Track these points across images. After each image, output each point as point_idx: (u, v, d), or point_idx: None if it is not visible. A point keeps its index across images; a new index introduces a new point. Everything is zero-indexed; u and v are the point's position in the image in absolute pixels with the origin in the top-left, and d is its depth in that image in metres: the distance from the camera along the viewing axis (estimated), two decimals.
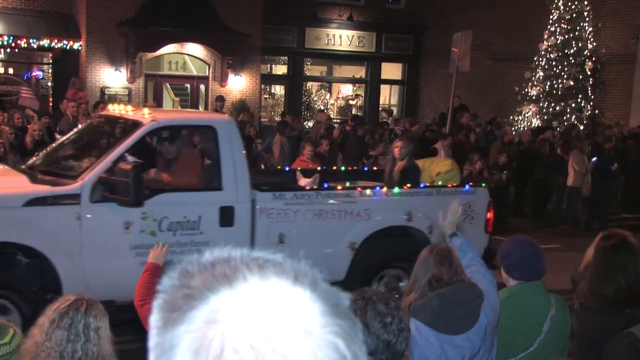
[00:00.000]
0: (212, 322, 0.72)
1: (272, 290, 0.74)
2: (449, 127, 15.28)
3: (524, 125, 18.07)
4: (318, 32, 22.34)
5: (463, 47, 15.11)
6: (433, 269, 3.27)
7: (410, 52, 24.01)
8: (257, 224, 7.04)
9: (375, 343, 2.39)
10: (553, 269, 3.90)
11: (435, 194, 8.01)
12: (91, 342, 2.74)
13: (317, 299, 0.75)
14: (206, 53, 18.90)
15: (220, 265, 0.77)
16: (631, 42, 18.22)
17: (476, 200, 8.13)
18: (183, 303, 0.74)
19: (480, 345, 3.18)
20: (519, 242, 3.83)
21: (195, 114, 10.09)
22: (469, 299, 3.18)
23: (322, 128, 14.76)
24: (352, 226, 7.48)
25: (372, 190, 7.76)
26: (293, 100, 22.50)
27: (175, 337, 0.73)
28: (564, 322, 3.70)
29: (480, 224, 8.16)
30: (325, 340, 0.72)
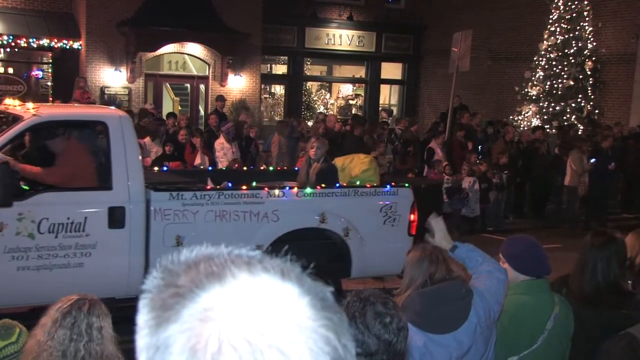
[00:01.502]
0: (207, 319, 0.72)
1: (263, 286, 0.75)
2: (448, 126, 15.29)
3: (523, 125, 18.07)
4: (318, 31, 22.35)
5: (463, 47, 15.11)
6: (429, 269, 3.29)
7: (410, 52, 24.01)
8: (151, 226, 6.64)
9: (377, 344, 2.38)
10: (553, 269, 3.92)
11: (352, 194, 7.70)
12: (94, 341, 2.73)
13: (306, 294, 0.76)
14: (206, 53, 18.90)
15: (204, 263, 0.78)
16: (631, 42, 18.22)
17: (399, 202, 7.81)
18: (173, 302, 0.74)
19: (470, 344, 3.16)
20: (525, 238, 3.89)
21: (86, 109, 9.53)
22: (454, 297, 3.16)
23: (321, 128, 14.74)
24: (259, 228, 7.09)
25: (281, 191, 7.40)
26: (293, 100, 22.51)
27: (170, 336, 0.73)
28: (567, 321, 3.72)
29: (402, 226, 7.81)
30: (318, 334, 0.73)
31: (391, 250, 7.65)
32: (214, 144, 12.98)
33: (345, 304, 2.46)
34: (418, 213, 7.92)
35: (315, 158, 8.30)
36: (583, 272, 3.73)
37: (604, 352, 3.08)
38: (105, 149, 6.67)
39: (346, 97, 24.65)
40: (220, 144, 12.66)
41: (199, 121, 18.88)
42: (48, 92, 18.34)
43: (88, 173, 6.81)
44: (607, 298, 3.61)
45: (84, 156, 6.87)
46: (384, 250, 7.69)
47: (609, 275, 3.67)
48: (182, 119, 14.34)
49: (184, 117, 14.93)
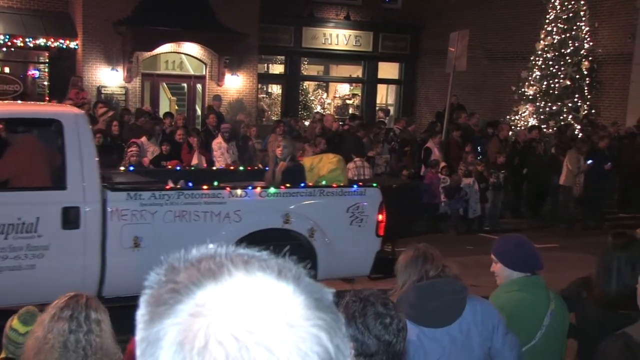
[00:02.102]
0: (197, 315, 0.73)
1: (257, 284, 0.76)
2: (445, 126, 15.31)
3: (520, 125, 18.10)
4: (315, 31, 22.35)
5: (460, 47, 15.13)
6: (423, 266, 3.32)
7: (407, 52, 24.02)
8: (108, 227, 6.50)
9: (377, 345, 2.39)
10: (550, 268, 3.93)
11: (318, 194, 7.57)
12: (93, 333, 2.75)
13: (301, 293, 0.76)
14: (203, 52, 18.89)
15: (206, 261, 0.79)
16: (628, 42, 18.25)
17: (366, 202, 7.68)
18: (169, 297, 0.76)
19: (463, 341, 3.17)
20: (514, 236, 3.95)
21: (39, 106, 9.32)
22: (449, 292, 3.17)
23: (319, 128, 14.76)
24: (220, 229, 6.96)
25: (243, 191, 7.24)
26: (290, 99, 22.51)
27: (161, 330, 0.74)
28: (562, 317, 3.75)
29: (370, 227, 7.66)
30: (309, 333, 0.73)
31: (358, 251, 7.62)
32: (211, 143, 12.99)
33: (345, 304, 2.47)
34: (392, 213, 7.80)
35: (282, 157, 8.17)
36: (607, 275, 3.69)
37: (600, 353, 3.08)
38: (60, 148, 6.52)
39: (343, 97, 24.65)
40: (218, 144, 12.68)
41: (196, 121, 18.87)
42: (45, 92, 18.32)
43: (38, 172, 6.64)
44: (629, 302, 3.58)
45: (34, 154, 6.72)
46: (351, 251, 7.63)
47: (634, 278, 3.64)
48: (179, 118, 14.35)
49: (181, 116, 14.94)
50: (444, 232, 13.55)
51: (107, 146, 11.72)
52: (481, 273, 3.94)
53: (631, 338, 2.93)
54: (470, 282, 4.13)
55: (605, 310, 3.69)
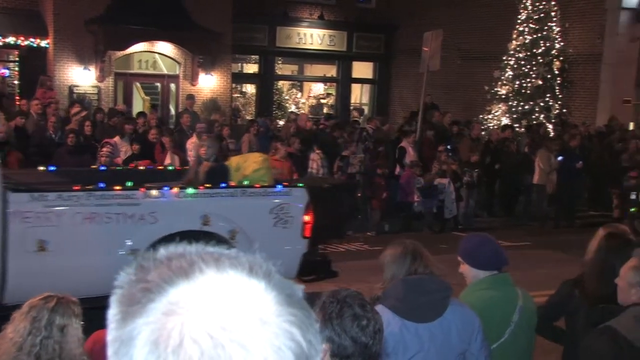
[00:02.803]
0: (171, 313, 0.73)
1: (229, 281, 0.76)
2: (419, 125, 15.40)
3: (493, 124, 18.27)
4: (289, 31, 22.33)
5: (433, 46, 15.22)
6: (411, 265, 3.37)
7: (381, 51, 24.10)
8: (9, 229, 6.17)
9: (353, 346, 2.40)
10: (523, 266, 3.98)
11: (240, 195, 7.31)
12: (52, 338, 2.71)
13: (272, 289, 0.77)
14: (177, 52, 18.77)
15: (176, 259, 0.79)
16: (597, 43, 18.51)
17: (291, 202, 7.44)
18: (141, 296, 0.76)
19: (443, 340, 3.21)
20: (475, 235, 4.00)
21: None
22: (434, 289, 3.22)
23: (293, 127, 14.75)
24: (134, 231, 6.66)
25: (159, 191, 6.95)
26: (264, 99, 22.46)
27: (134, 329, 0.74)
28: (530, 313, 3.81)
29: (295, 228, 7.39)
30: (282, 329, 0.74)
31: (283, 253, 7.29)
32: (185, 143, 12.93)
33: (322, 304, 2.47)
34: (326, 214, 7.61)
35: (206, 157, 7.95)
36: (601, 275, 3.74)
37: (586, 348, 3.13)
38: None
39: (317, 96, 24.65)
40: (193, 143, 12.62)
41: (170, 120, 18.75)
42: (15, 91, 18.07)
43: None
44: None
45: None
46: (276, 253, 7.34)
47: None
48: (152, 118, 14.25)
49: (154, 116, 14.84)
50: (419, 231, 13.63)
51: (80, 146, 11.62)
52: (454, 272, 3.98)
53: (616, 331, 3.00)
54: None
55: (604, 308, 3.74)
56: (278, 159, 12.40)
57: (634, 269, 3.17)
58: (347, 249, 12.34)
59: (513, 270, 3.89)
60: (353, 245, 12.57)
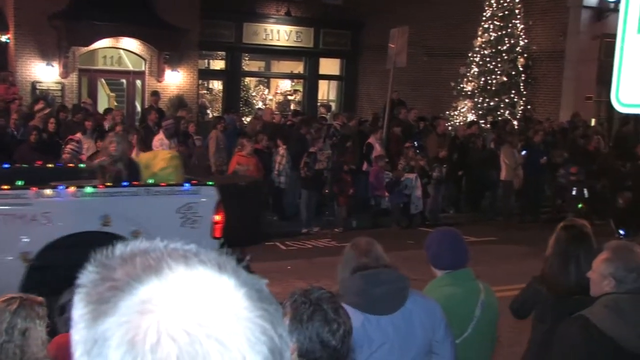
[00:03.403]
0: (145, 312, 0.73)
1: (200, 278, 0.76)
2: (386, 122, 15.48)
3: (459, 121, 18.45)
4: (256, 27, 22.25)
5: (400, 43, 15.31)
6: (356, 261, 3.40)
7: (348, 48, 24.15)
8: None
9: (321, 350, 2.41)
10: (489, 261, 4.04)
11: (144, 194, 7.02)
12: (13, 342, 2.66)
13: (242, 285, 0.77)
14: (142, 48, 18.58)
15: (140, 256, 0.78)
16: (560, 40, 18.80)
17: (200, 201, 7.20)
18: (111, 295, 0.75)
19: (407, 330, 3.26)
20: (439, 233, 4.03)
21: None
22: (390, 280, 3.26)
23: (260, 124, 14.73)
24: (25, 233, 6.35)
25: (53, 190, 6.59)
26: (231, 95, 22.36)
27: (107, 329, 0.73)
28: (492, 307, 3.88)
29: (205, 228, 7.11)
30: (255, 324, 0.75)
31: None
32: (151, 140, 12.82)
33: (292, 302, 2.47)
34: (238, 212, 7.39)
35: (115, 154, 7.69)
36: (566, 267, 3.81)
37: (559, 336, 3.22)
38: None
39: (285, 93, 24.62)
40: (160, 140, 12.52)
41: (136, 117, 18.57)
42: None
43: None
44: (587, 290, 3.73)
45: None
46: None
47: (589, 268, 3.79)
48: (117, 115, 14.09)
49: (120, 113, 14.67)
50: (387, 226, 13.73)
51: (43, 143, 11.45)
52: (421, 267, 4.04)
53: (588, 320, 3.10)
54: (410, 276, 4.21)
55: (566, 300, 3.81)
56: (244, 155, 12.39)
57: (607, 261, 3.25)
58: (315, 245, 12.38)
59: (479, 265, 3.96)
60: (321, 241, 12.61)
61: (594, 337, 3.09)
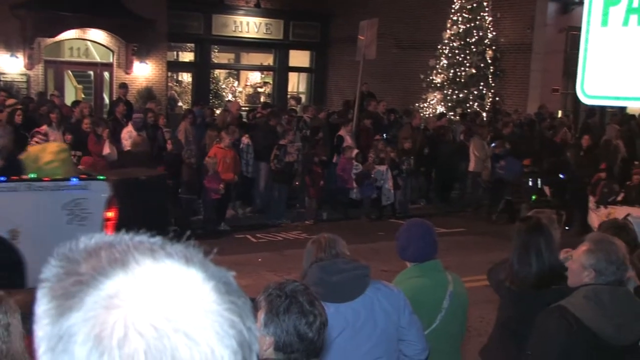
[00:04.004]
0: (111, 307, 0.72)
1: (167, 271, 0.75)
2: (356, 114, 15.51)
3: (429, 113, 18.55)
4: (225, 18, 22.10)
5: (369, 35, 15.34)
6: (314, 255, 3.46)
7: (317, 40, 24.12)
8: None
9: (298, 342, 2.42)
10: (458, 252, 4.09)
11: (25, 189, 6.64)
12: (0, 339, 2.63)
13: (210, 278, 0.76)
14: (110, 39, 18.35)
15: (105, 250, 0.77)
16: (527, 33, 18.99)
17: (89, 197, 6.89)
18: (76, 290, 0.73)
19: (367, 316, 3.30)
20: (409, 225, 4.06)
21: None
22: (349, 268, 3.32)
23: (229, 116, 14.65)
24: None
25: None
26: (201, 88, 22.21)
27: (73, 325, 0.72)
28: (461, 297, 3.93)
29: (94, 225, 6.77)
30: (224, 317, 0.74)
31: None
32: (120, 132, 12.70)
33: (267, 296, 2.48)
34: (140, 207, 7.16)
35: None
36: (527, 257, 3.85)
37: (539, 324, 3.28)
38: None
39: (254, 85, 24.53)
40: (129, 133, 12.41)
41: (104, 109, 18.35)
42: None
43: None
44: (550, 280, 3.79)
45: None
46: None
47: (551, 257, 3.85)
48: (85, 107, 13.90)
49: (87, 105, 14.48)
50: (357, 218, 13.79)
51: None
52: (392, 258, 4.06)
53: (566, 310, 3.17)
54: (381, 267, 4.24)
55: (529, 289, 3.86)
56: (222, 147, 12.34)
57: (588, 252, 3.30)
58: (285, 237, 12.39)
59: (448, 256, 3.99)
60: (291, 234, 12.62)
61: (572, 327, 3.15)
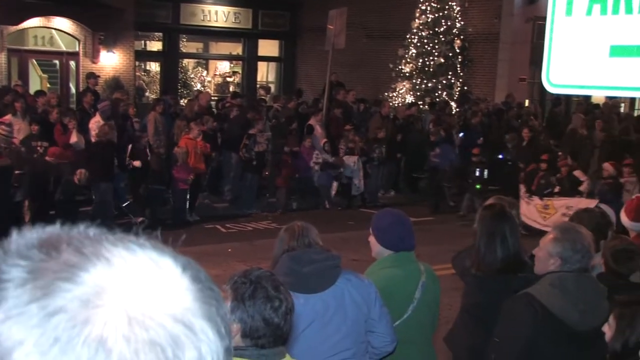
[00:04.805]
0: (98, 302, 0.67)
1: (146, 262, 0.72)
2: (325, 103, 15.51)
3: (398, 102, 18.62)
4: (193, 7, 21.88)
5: (338, 24, 15.33)
6: (287, 243, 3.46)
7: (287, 29, 24.02)
8: None
9: (265, 328, 2.44)
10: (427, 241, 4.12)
11: None
12: None
13: (186, 267, 0.75)
14: (75, 28, 18.06)
15: (69, 243, 0.72)
16: (494, 22, 19.13)
17: None
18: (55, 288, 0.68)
19: (337, 307, 3.31)
20: (392, 214, 4.05)
21: None
22: (320, 259, 3.32)
23: (196, 105, 14.55)
24: None
25: None
26: (169, 77, 21.99)
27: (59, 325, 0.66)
28: (433, 288, 3.95)
29: None
30: (210, 304, 0.73)
31: None
32: (87, 123, 12.54)
33: (233, 284, 2.49)
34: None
35: None
36: (492, 243, 3.89)
37: (506, 310, 3.34)
38: None
39: (223, 75, 24.36)
40: (96, 123, 12.25)
41: (71, 99, 18.08)
42: None
43: None
44: (514, 266, 3.85)
45: None
46: None
47: (515, 244, 3.90)
48: (52, 97, 13.68)
49: (55, 95, 14.25)
50: (326, 208, 13.82)
51: None
52: (362, 248, 4.07)
53: (533, 297, 3.25)
54: (351, 257, 4.25)
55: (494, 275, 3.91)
56: (191, 138, 12.26)
57: (555, 240, 3.36)
58: (255, 227, 12.37)
59: (418, 245, 4.00)
60: (261, 223, 12.61)
61: (538, 314, 3.22)
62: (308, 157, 13.85)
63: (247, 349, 2.45)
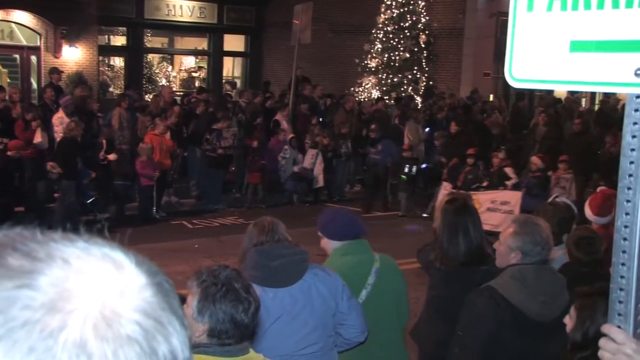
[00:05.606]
0: (65, 305, 0.65)
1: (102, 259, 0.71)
2: (291, 99, 15.50)
3: (364, 97, 18.68)
4: (157, 2, 21.66)
5: (304, 19, 15.32)
6: (256, 238, 3.49)
7: (252, 24, 23.93)
8: None
9: (233, 328, 2.45)
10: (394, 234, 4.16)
11: None
12: None
13: (140, 262, 0.74)
14: (36, 22, 17.74)
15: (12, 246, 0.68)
16: (459, 18, 19.30)
17: None
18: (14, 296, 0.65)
19: (305, 301, 3.34)
20: (330, 210, 4.29)
21: None
22: (288, 253, 3.35)
23: (162, 101, 14.42)
24: None
25: None
26: (133, 72, 21.74)
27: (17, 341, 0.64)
28: (392, 277, 4.00)
29: None
30: (172, 298, 0.73)
31: None
32: (50, 119, 12.34)
33: (201, 283, 2.47)
34: None
35: None
36: (455, 237, 3.95)
37: (469, 302, 3.40)
38: None
39: (189, 70, 24.19)
40: (59, 119, 12.07)
41: (32, 95, 17.77)
42: None
43: None
44: (477, 259, 3.91)
45: None
46: None
47: (477, 237, 3.96)
48: (14, 92, 13.42)
49: (17, 90, 13.98)
50: (292, 203, 13.82)
51: None
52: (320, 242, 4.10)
53: (495, 290, 3.32)
54: (316, 252, 4.27)
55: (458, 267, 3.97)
56: (157, 134, 12.14)
57: (515, 234, 3.43)
58: (222, 223, 12.32)
59: (384, 239, 4.05)
60: (228, 219, 12.56)
61: (500, 307, 3.29)
62: (277, 152, 13.82)
63: (211, 346, 2.46)
